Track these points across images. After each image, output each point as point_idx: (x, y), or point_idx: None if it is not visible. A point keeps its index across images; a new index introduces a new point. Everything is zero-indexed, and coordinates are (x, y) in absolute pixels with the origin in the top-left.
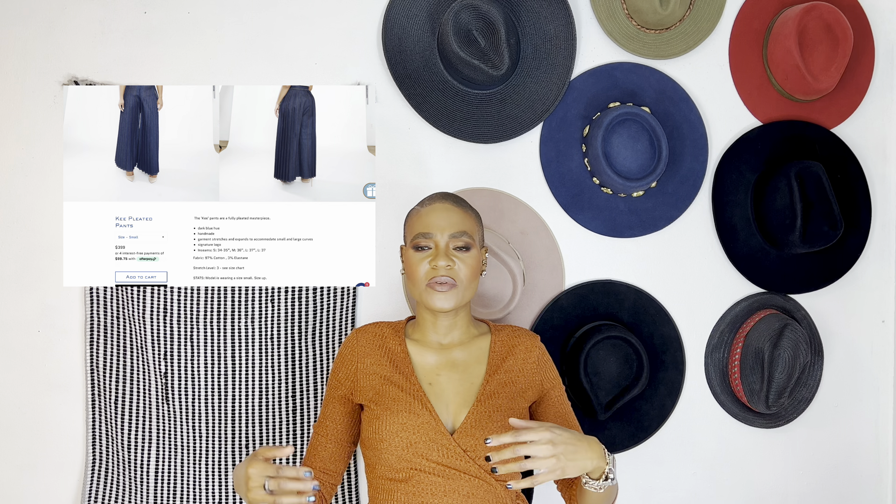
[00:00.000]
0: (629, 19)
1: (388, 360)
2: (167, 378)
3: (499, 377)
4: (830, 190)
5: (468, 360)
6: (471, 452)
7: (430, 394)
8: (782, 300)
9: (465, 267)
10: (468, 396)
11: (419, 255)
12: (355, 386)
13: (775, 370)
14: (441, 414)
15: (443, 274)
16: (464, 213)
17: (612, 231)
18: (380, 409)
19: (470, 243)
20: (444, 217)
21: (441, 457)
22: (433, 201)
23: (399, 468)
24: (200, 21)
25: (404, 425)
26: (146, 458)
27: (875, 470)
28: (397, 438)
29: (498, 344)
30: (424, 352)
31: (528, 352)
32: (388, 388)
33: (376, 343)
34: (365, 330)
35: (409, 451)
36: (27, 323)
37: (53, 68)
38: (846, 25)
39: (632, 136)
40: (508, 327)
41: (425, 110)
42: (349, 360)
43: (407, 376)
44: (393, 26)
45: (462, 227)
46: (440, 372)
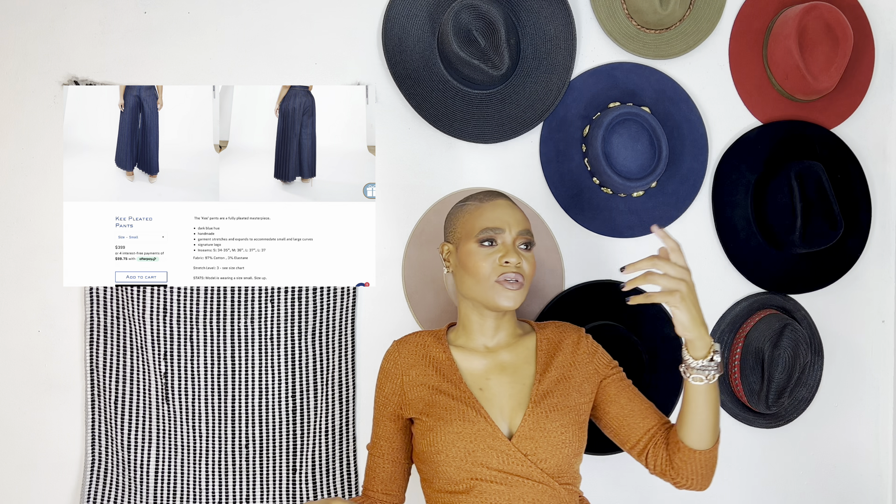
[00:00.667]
0: (629, 19)
1: (434, 369)
2: (167, 378)
3: (550, 375)
4: (830, 190)
5: (516, 361)
6: (531, 456)
7: (482, 399)
8: (782, 300)
9: (530, 265)
10: (521, 399)
11: (486, 250)
12: (403, 400)
13: (775, 370)
14: (496, 419)
15: (513, 271)
16: (523, 213)
17: (612, 231)
18: (432, 421)
19: (532, 242)
20: (510, 214)
21: (501, 463)
22: (494, 198)
23: (458, 479)
24: (200, 21)
25: (460, 434)
26: (146, 458)
27: (875, 470)
28: (454, 448)
29: (544, 342)
30: (470, 357)
31: (575, 345)
32: (438, 397)
33: (419, 353)
34: (405, 341)
35: (467, 460)
36: (27, 323)
37: (53, 68)
38: (846, 25)
39: (632, 136)
40: (552, 323)
41: (425, 110)
42: (393, 375)
43: (456, 384)
44: (393, 26)
45: (527, 225)
46: (489, 376)
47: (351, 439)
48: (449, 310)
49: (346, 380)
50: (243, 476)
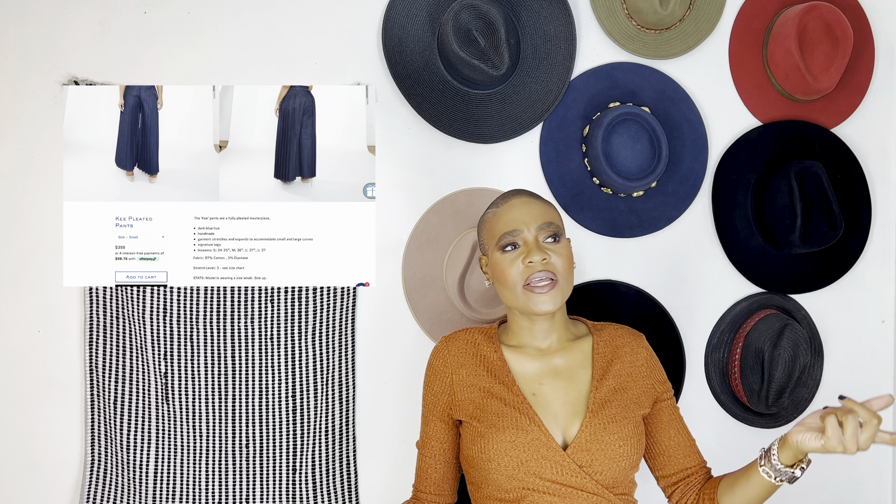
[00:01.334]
0: (629, 19)
1: (486, 369)
2: (167, 378)
3: (608, 383)
4: (830, 190)
5: (571, 365)
6: (587, 468)
7: (536, 405)
8: (782, 300)
9: (561, 258)
10: (577, 407)
11: (509, 255)
12: (453, 400)
13: (775, 370)
14: (550, 428)
15: (540, 269)
16: (544, 204)
17: (612, 231)
18: (483, 427)
19: (559, 232)
20: (525, 210)
21: (555, 474)
22: (509, 198)
23: (509, 488)
24: (200, 21)
25: (513, 443)
26: (145, 457)
27: (875, 470)
28: (507, 458)
29: (601, 345)
30: (523, 359)
31: (634, 353)
32: (489, 401)
33: (470, 351)
34: (455, 338)
35: (520, 470)
36: (27, 323)
37: (53, 68)
38: (846, 25)
39: (632, 136)
40: (609, 326)
41: (425, 110)
42: (443, 373)
43: (508, 387)
44: (393, 26)
45: (547, 217)
46: (543, 381)
47: (351, 439)
48: (449, 310)
49: (346, 380)
50: (243, 476)
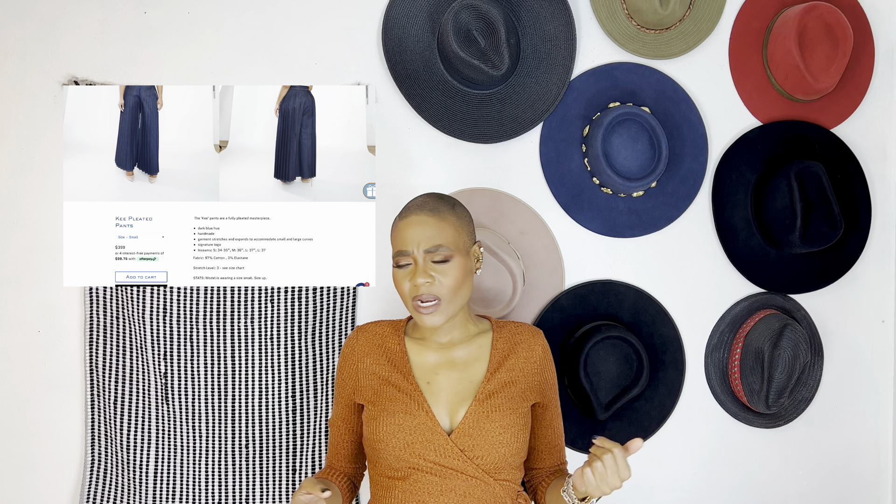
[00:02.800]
0: (629, 19)
1: (387, 359)
2: (167, 378)
3: (500, 376)
4: (830, 190)
5: (468, 358)
6: (468, 452)
7: (428, 393)
8: (782, 300)
9: (447, 279)
10: (466, 395)
11: (401, 271)
12: (356, 386)
13: (775, 370)
14: (438, 414)
15: (424, 292)
16: (439, 223)
17: (612, 231)
18: (377, 410)
19: (449, 255)
20: (418, 231)
21: (438, 457)
22: (409, 213)
23: (397, 467)
24: (200, 21)
25: (401, 426)
26: (145, 458)
27: (875, 470)
28: (394, 439)
29: (500, 341)
30: (424, 350)
31: (530, 350)
32: (385, 388)
33: (376, 342)
34: (365, 329)
35: (406, 451)
36: (27, 323)
37: (53, 68)
38: (846, 25)
39: (632, 136)
40: (511, 323)
41: (425, 110)
42: (350, 361)
43: (405, 375)
44: (393, 26)
45: (437, 241)
46: (438, 370)
47: None
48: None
49: None
50: (243, 476)
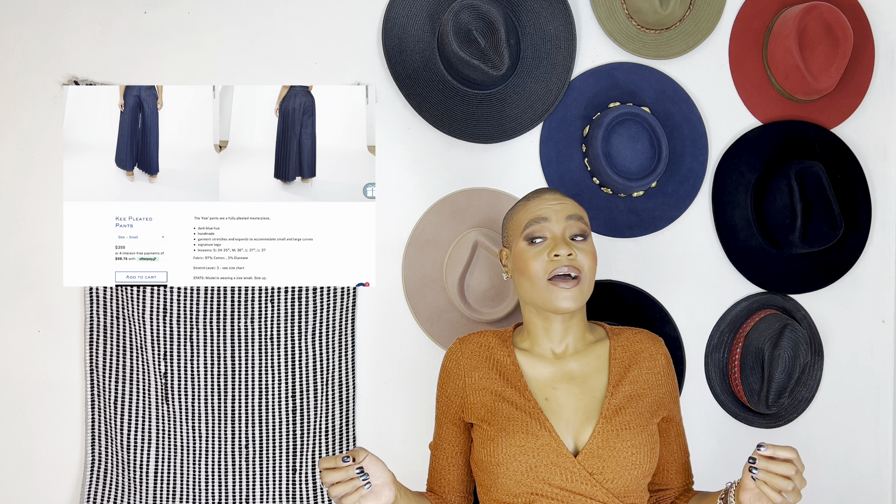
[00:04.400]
0: (629, 19)
1: (498, 373)
2: (167, 378)
3: (624, 389)
4: (830, 190)
5: (586, 370)
6: (597, 476)
7: (548, 411)
8: (782, 300)
9: (587, 257)
10: (590, 413)
11: (534, 248)
12: (465, 403)
13: (775, 370)
14: (562, 433)
15: (566, 265)
16: (574, 202)
17: (612, 231)
18: (493, 430)
19: (586, 230)
20: (556, 202)
21: (564, 481)
22: (541, 193)
23: (518, 493)
24: (200, 21)
25: (522, 448)
26: (145, 458)
27: (875, 470)
28: (515, 462)
29: (619, 350)
30: (536, 363)
31: (653, 359)
32: (500, 405)
33: (483, 354)
34: (469, 340)
35: (528, 475)
36: (27, 323)
37: (53, 68)
38: (846, 25)
39: (632, 136)
40: (627, 330)
41: (425, 110)
42: (455, 375)
43: (521, 391)
44: (393, 26)
45: (576, 211)
46: (556, 385)
47: (351, 439)
48: (449, 310)
49: (346, 380)
50: (243, 476)
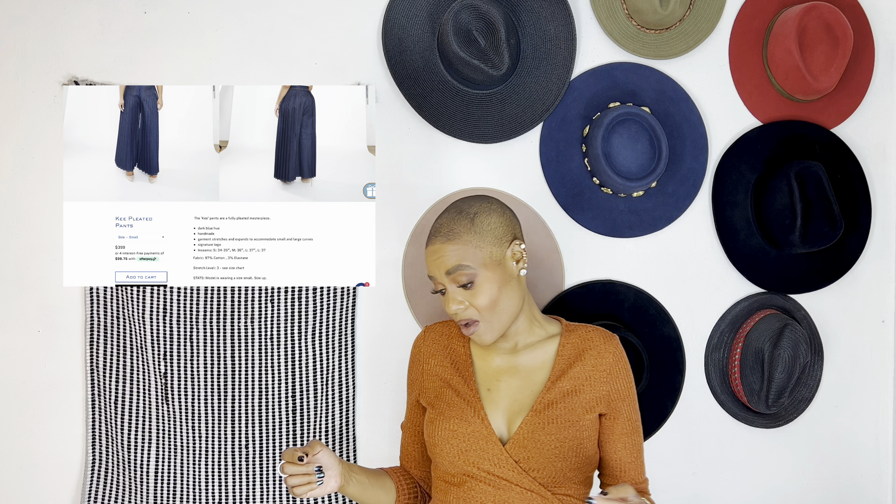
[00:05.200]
0: (629, 19)
1: (451, 362)
2: (167, 378)
3: (561, 385)
4: (830, 190)
5: (532, 364)
6: (523, 464)
7: (487, 400)
8: (782, 300)
9: (478, 299)
10: (525, 405)
11: (441, 298)
12: (422, 388)
13: (775, 370)
14: (495, 422)
15: (461, 318)
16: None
17: (612, 231)
18: (435, 413)
19: (472, 276)
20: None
21: (492, 467)
22: (429, 239)
23: (453, 473)
24: (200, 21)
25: (455, 432)
26: (146, 458)
27: (875, 470)
28: (448, 445)
29: (567, 347)
30: (489, 355)
31: (599, 357)
32: (445, 391)
33: (442, 343)
34: (433, 329)
35: (460, 458)
36: (27, 323)
37: (53, 68)
38: (846, 25)
39: (632, 136)
40: (582, 327)
41: (425, 110)
42: (417, 361)
43: (466, 380)
44: (393, 26)
45: (453, 262)
46: (501, 377)
47: (351, 439)
48: None
49: (346, 380)
50: (243, 476)
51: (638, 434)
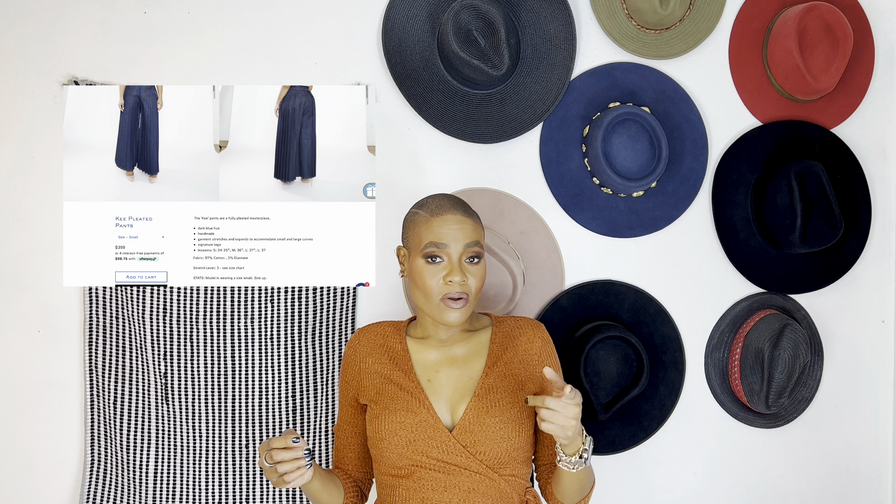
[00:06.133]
0: (629, 19)
1: (389, 358)
2: (167, 378)
3: (498, 370)
4: (830, 190)
5: (468, 354)
6: (470, 448)
7: (429, 390)
8: (782, 300)
9: (477, 280)
10: (466, 391)
11: (431, 267)
12: (360, 386)
13: (775, 370)
14: (439, 410)
15: (458, 290)
16: (474, 222)
17: (612, 231)
18: (379, 409)
19: (481, 252)
20: (457, 228)
21: (441, 453)
22: (444, 210)
23: (401, 465)
24: (200, 21)
25: (402, 423)
26: (145, 458)
27: (875, 470)
28: (396, 437)
29: (499, 335)
30: (425, 349)
31: (529, 342)
32: (387, 386)
33: (377, 342)
34: (367, 330)
35: (409, 448)
36: (27, 323)
37: (53, 68)
38: (846, 25)
39: (632, 136)
40: (510, 318)
41: (425, 110)
42: (353, 362)
43: (407, 373)
44: (393, 26)
45: (475, 237)
46: (439, 368)
47: None
48: None
49: None
50: (243, 476)
51: None
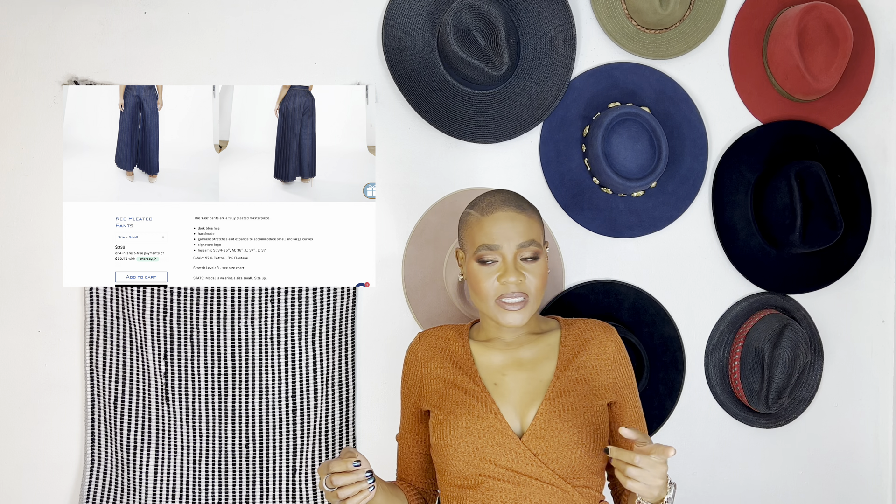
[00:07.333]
0: (629, 19)
1: (452, 362)
2: (167, 378)
3: (570, 373)
4: (830, 190)
5: (536, 357)
6: (541, 456)
7: (496, 394)
8: (782, 300)
9: (536, 278)
10: (536, 395)
11: (485, 269)
12: (422, 392)
13: (775, 370)
14: (508, 416)
15: (513, 291)
16: (529, 218)
17: (612, 231)
18: (443, 414)
19: (538, 251)
20: (509, 227)
21: (510, 462)
22: (495, 208)
23: (467, 474)
24: (200, 21)
25: (468, 429)
26: (145, 458)
27: (875, 470)
28: (462, 443)
29: (569, 338)
30: (489, 352)
31: (602, 346)
32: (451, 391)
33: (439, 346)
34: (427, 334)
35: (475, 456)
36: (27, 323)
37: (53, 68)
38: (846, 25)
39: (632, 136)
40: (580, 320)
41: (425, 110)
42: (414, 366)
43: (471, 377)
44: (393, 26)
45: (529, 236)
46: (506, 371)
47: (351, 439)
48: (449, 310)
49: (346, 380)
50: (243, 476)
51: (644, 422)
